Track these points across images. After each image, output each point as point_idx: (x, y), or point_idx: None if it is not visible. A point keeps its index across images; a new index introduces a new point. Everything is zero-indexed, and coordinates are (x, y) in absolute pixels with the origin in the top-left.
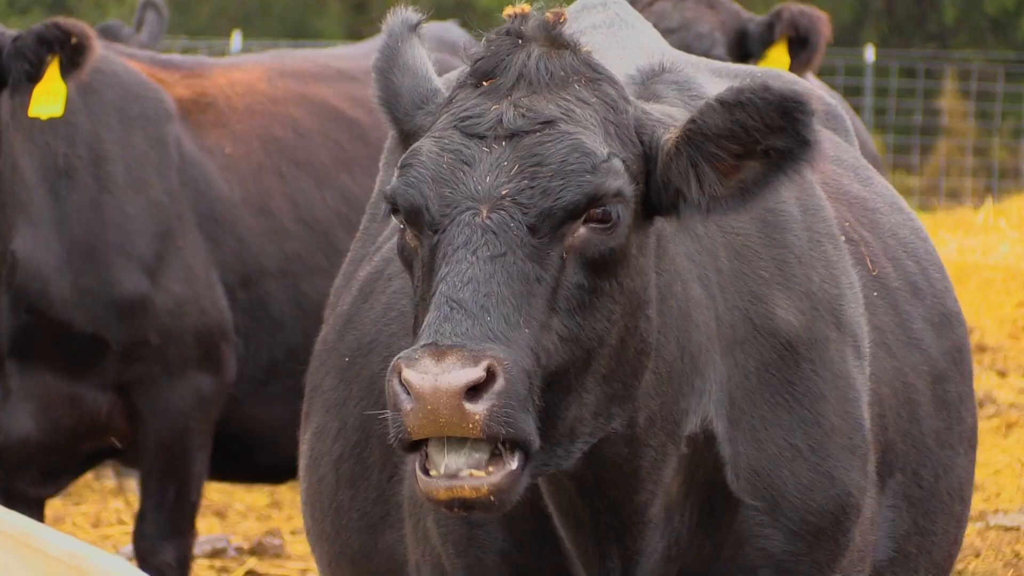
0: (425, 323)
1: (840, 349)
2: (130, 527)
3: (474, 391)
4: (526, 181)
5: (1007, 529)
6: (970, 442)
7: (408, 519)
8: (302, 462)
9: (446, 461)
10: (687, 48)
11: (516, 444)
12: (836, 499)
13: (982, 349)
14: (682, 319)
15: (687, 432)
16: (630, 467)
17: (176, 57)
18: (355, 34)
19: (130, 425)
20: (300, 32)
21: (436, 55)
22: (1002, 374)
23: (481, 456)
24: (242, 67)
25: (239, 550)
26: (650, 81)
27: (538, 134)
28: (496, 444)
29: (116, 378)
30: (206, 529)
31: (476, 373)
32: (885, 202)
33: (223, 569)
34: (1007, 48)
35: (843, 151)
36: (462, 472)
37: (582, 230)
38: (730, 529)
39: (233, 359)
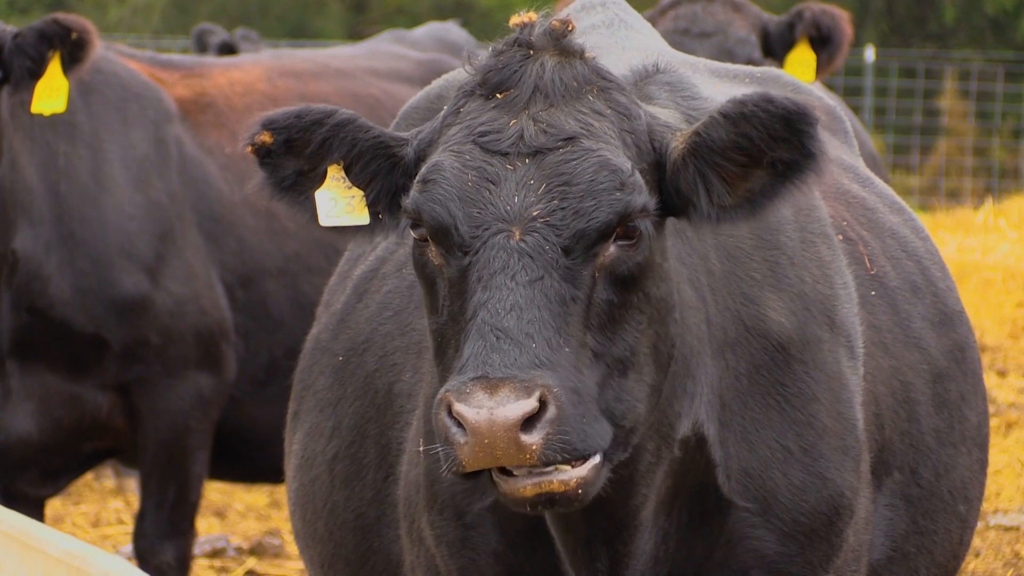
0: (469, 352)
1: (833, 350)
2: (130, 527)
3: (528, 422)
4: (556, 201)
5: (1007, 529)
6: (975, 441)
7: (403, 520)
8: (292, 462)
9: None
10: (729, 54)
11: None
12: (828, 500)
13: (982, 349)
14: None
15: (680, 435)
16: (626, 471)
17: (175, 57)
18: (355, 34)
19: (130, 425)
20: (300, 32)
21: (436, 55)
22: (1002, 374)
23: None
24: (241, 67)
25: (239, 550)
26: (643, 82)
27: (562, 151)
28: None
29: (116, 378)
30: (206, 529)
31: (530, 404)
32: (884, 202)
33: (223, 569)
34: (1007, 48)
35: (842, 152)
36: (548, 468)
37: (612, 248)
38: (722, 530)
39: (233, 359)
